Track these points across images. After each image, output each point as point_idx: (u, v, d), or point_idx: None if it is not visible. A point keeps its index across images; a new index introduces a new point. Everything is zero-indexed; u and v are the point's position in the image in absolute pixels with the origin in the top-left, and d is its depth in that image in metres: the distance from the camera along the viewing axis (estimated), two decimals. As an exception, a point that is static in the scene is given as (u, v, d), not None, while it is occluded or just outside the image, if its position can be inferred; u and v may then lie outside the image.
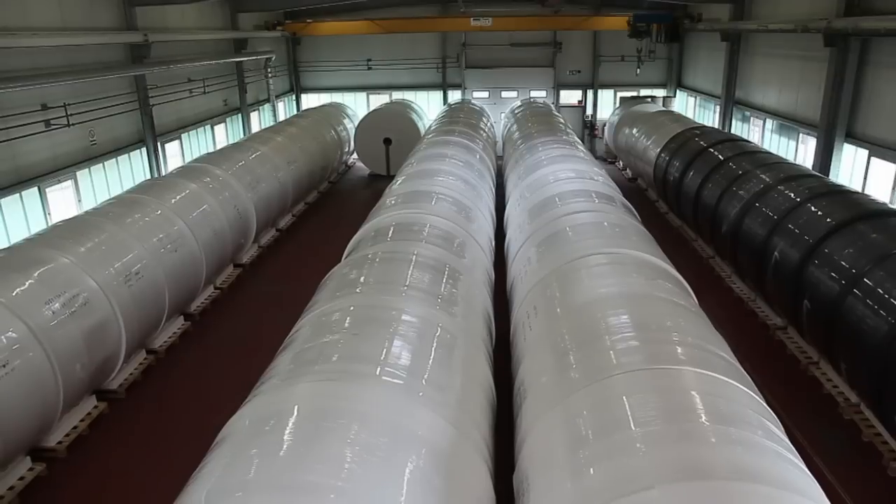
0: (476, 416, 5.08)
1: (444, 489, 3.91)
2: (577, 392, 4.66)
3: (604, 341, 5.09)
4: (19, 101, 10.18)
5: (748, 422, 4.12)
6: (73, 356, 7.30)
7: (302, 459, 3.58)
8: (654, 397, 4.25)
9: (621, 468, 3.73)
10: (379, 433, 3.96)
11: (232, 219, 11.87)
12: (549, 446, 4.43)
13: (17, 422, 6.48)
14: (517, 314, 7.05)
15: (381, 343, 5.03)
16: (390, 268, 6.60)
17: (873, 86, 11.41)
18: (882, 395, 6.54)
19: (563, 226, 7.98)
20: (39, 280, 7.35)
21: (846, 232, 7.95)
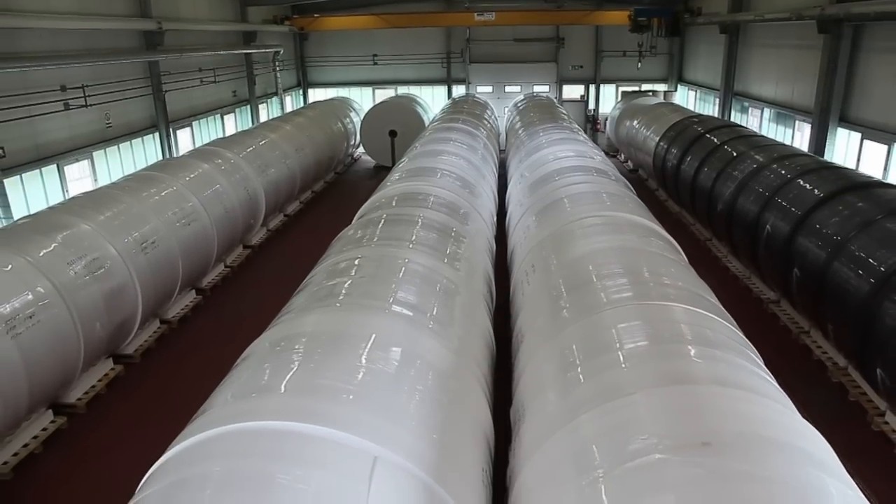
0: (477, 356, 5.41)
1: (448, 406, 4.24)
2: (568, 327, 4.99)
3: (595, 285, 5.43)
4: (40, 82, 10.62)
5: (729, 347, 4.45)
6: (94, 315, 7.68)
7: (318, 368, 3.93)
8: (641, 326, 4.58)
9: (607, 381, 4.06)
10: (388, 352, 4.31)
11: (242, 199, 12.27)
12: (543, 375, 4.75)
13: (42, 372, 6.85)
14: (516, 275, 7.39)
15: (390, 284, 5.38)
16: (397, 227, 6.96)
17: (865, 71, 11.74)
18: (864, 349, 6.85)
19: (560, 195, 8.33)
20: (62, 243, 7.74)
21: (833, 203, 8.28)
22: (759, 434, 3.36)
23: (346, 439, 3.36)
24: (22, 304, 6.73)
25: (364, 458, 3.31)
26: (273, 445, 3.25)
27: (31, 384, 6.68)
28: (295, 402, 3.57)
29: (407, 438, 3.60)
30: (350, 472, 3.19)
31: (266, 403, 3.60)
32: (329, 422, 3.42)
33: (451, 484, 3.56)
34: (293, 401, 3.59)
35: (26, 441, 7.03)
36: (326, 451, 3.27)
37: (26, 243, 7.37)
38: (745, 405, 3.61)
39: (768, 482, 3.01)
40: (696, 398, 3.63)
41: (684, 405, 3.57)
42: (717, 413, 3.48)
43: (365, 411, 3.63)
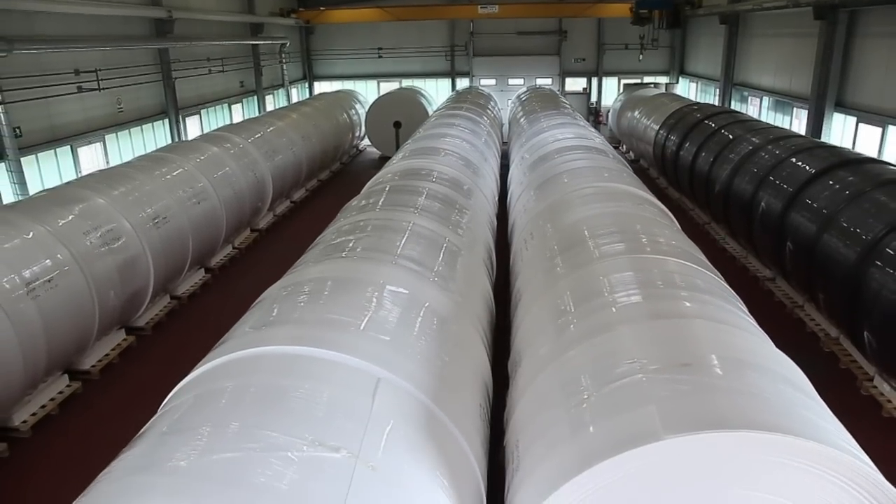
0: (478, 312, 5.67)
1: (448, 346, 4.50)
2: (561, 280, 5.25)
3: (588, 244, 5.68)
4: (55, 65, 10.95)
5: (715, 294, 4.70)
6: (108, 283, 7.97)
7: (327, 305, 4.21)
8: (632, 275, 4.82)
9: (596, 321, 4.32)
10: (394, 296, 4.58)
11: (250, 182, 12.57)
12: (537, 324, 5.01)
13: (59, 334, 7.14)
14: (515, 245, 7.65)
15: (396, 242, 5.66)
16: (403, 196, 7.24)
17: (860, 56, 11.95)
18: (852, 315, 7.08)
19: (559, 171, 8.58)
20: (79, 214, 8.05)
21: (824, 178, 8.51)
22: (739, 358, 3.61)
23: (351, 361, 3.63)
24: (41, 270, 7.03)
25: (368, 378, 3.58)
26: (284, 365, 3.53)
27: (49, 345, 6.97)
28: (305, 331, 3.84)
29: (409, 366, 3.86)
30: (355, 388, 3.45)
31: (278, 332, 3.88)
32: (336, 347, 3.69)
33: (449, 409, 3.82)
34: (303, 330, 3.86)
35: (44, 402, 7.34)
36: (333, 371, 3.54)
37: (45, 214, 7.67)
38: (727, 336, 3.86)
39: (746, 395, 3.26)
40: (679, 329, 3.88)
41: (668, 335, 3.82)
42: (698, 341, 3.73)
43: (370, 341, 3.90)
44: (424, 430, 3.51)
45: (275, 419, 3.04)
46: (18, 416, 7.00)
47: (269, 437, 2.91)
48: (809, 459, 2.97)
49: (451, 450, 3.61)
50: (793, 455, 2.96)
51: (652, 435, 2.98)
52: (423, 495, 3.16)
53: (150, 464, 2.80)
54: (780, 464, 2.97)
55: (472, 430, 4.02)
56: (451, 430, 3.71)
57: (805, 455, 2.97)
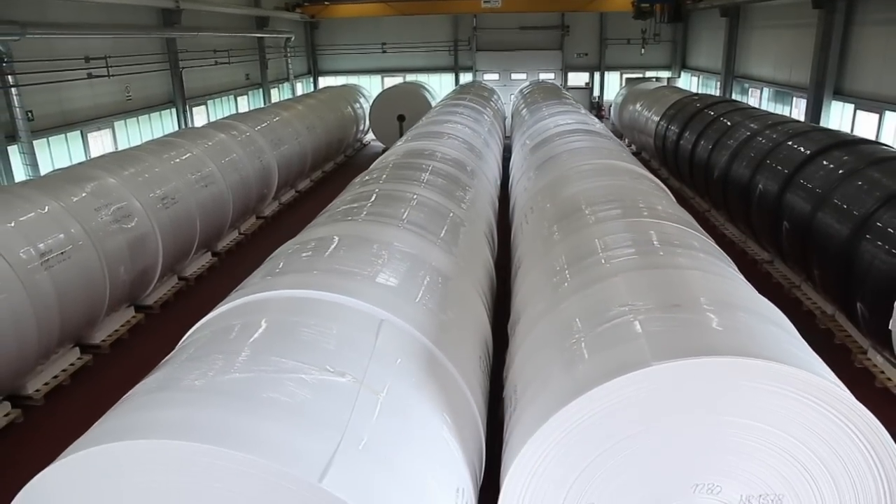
0: (479, 278, 5.85)
1: (451, 301, 4.67)
2: (558, 245, 5.42)
3: (584, 211, 5.85)
4: (66, 52, 11.18)
5: (708, 252, 4.86)
6: (119, 259, 8.18)
7: (334, 257, 4.42)
8: (625, 236, 4.99)
9: (589, 276, 4.48)
10: (399, 253, 4.77)
11: (256, 169, 12.79)
12: (535, 286, 5.18)
13: (72, 305, 7.34)
14: (516, 222, 7.82)
15: (403, 209, 5.86)
16: (408, 171, 7.44)
17: (858, 44, 12.10)
18: (846, 288, 7.24)
19: (559, 151, 8.75)
20: (91, 192, 8.26)
21: (819, 159, 8.67)
22: (728, 301, 3.77)
23: (356, 304, 3.82)
24: (56, 243, 7.24)
25: (371, 319, 3.76)
26: (293, 306, 3.72)
27: (62, 316, 7.17)
28: (313, 278, 4.03)
29: (411, 311, 4.05)
30: (359, 327, 3.64)
31: (287, 279, 4.07)
32: (342, 291, 3.88)
33: (450, 353, 4.00)
34: (311, 277, 4.06)
35: (56, 373, 7.55)
36: (339, 311, 3.73)
37: (59, 190, 7.89)
38: (718, 283, 4.03)
39: (734, 330, 3.42)
40: (671, 277, 4.05)
41: (660, 282, 3.99)
42: (690, 286, 3.91)
43: (374, 288, 4.09)
44: (426, 368, 3.69)
45: (285, 349, 3.23)
46: (32, 384, 7.21)
47: (279, 362, 3.10)
48: (795, 386, 3.13)
49: (451, 390, 3.79)
50: (778, 381, 3.12)
51: (641, 362, 3.15)
52: (426, 427, 3.34)
53: (166, 385, 2.99)
54: (767, 390, 3.14)
55: (473, 378, 4.20)
56: (451, 372, 3.89)
57: (790, 381, 3.12)
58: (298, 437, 2.65)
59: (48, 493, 2.61)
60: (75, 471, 2.59)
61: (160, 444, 2.51)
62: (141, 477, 2.54)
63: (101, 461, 2.56)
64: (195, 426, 2.58)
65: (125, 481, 2.56)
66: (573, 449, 3.28)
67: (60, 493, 2.60)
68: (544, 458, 3.31)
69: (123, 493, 2.56)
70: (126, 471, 2.55)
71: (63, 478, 2.60)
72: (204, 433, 2.53)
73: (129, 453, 2.54)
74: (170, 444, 2.50)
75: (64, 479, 2.59)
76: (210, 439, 2.50)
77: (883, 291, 6.49)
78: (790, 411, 3.17)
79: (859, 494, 3.31)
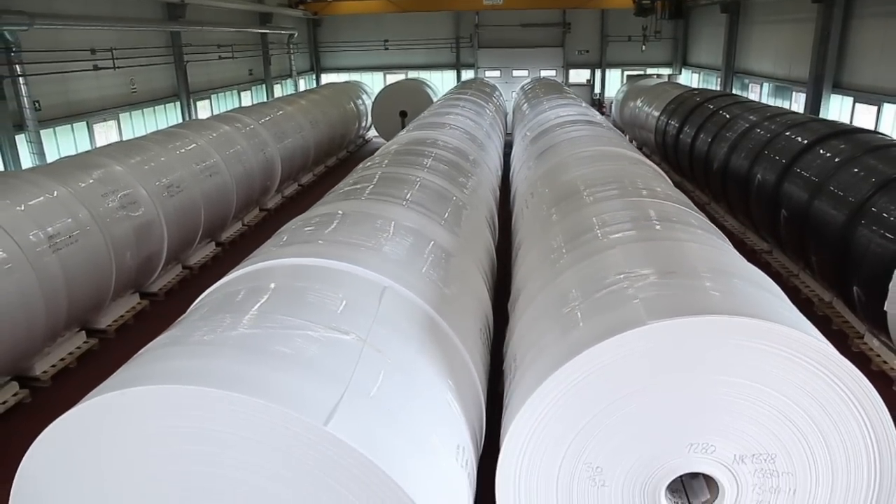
0: (481, 258, 5.95)
1: (453, 275, 4.78)
2: (556, 225, 5.51)
3: (582, 193, 5.95)
4: (72, 44, 11.32)
5: (704, 229, 4.96)
6: (125, 245, 8.29)
7: (339, 230, 4.53)
8: (622, 214, 5.09)
9: (586, 250, 4.58)
10: (404, 229, 4.89)
11: (260, 161, 12.92)
12: (534, 264, 5.28)
13: (79, 288, 7.45)
14: (517, 209, 7.92)
15: (407, 190, 5.97)
16: (412, 157, 7.55)
17: (857, 37, 12.20)
18: (842, 273, 7.33)
19: (559, 140, 8.86)
20: (99, 179, 8.38)
21: (815, 148, 8.77)
22: (723, 270, 3.87)
23: (360, 272, 3.92)
24: (64, 227, 7.36)
25: (375, 286, 3.87)
26: (298, 272, 3.83)
27: (69, 299, 7.28)
28: (318, 247, 4.14)
29: (414, 281, 4.15)
30: (363, 292, 3.74)
31: (293, 249, 4.18)
32: (347, 259, 3.99)
33: (451, 321, 4.10)
34: (317, 247, 4.17)
35: (62, 356, 7.67)
36: (343, 278, 3.84)
37: (68, 177, 8.01)
38: (713, 253, 4.13)
39: (728, 293, 3.52)
40: (667, 248, 4.15)
41: (656, 253, 4.09)
42: (684, 256, 4.01)
43: (378, 258, 4.20)
44: (428, 333, 3.79)
45: (291, 309, 3.33)
46: (39, 366, 7.33)
47: (285, 320, 3.20)
48: (786, 345, 3.21)
49: (453, 357, 3.89)
50: (771, 341, 3.20)
51: (636, 322, 3.25)
52: (429, 387, 3.44)
53: (179, 340, 3.10)
54: (759, 350, 3.22)
55: (474, 348, 4.30)
56: (453, 339, 3.99)
57: (782, 341, 3.20)
58: (305, 386, 2.75)
59: (67, 437, 2.72)
60: (94, 416, 2.69)
61: (175, 389, 2.62)
62: (155, 422, 2.65)
63: (118, 406, 2.67)
64: (208, 373, 2.69)
65: (140, 426, 2.67)
66: (570, 409, 3.38)
67: (79, 437, 2.71)
68: (542, 417, 3.40)
69: (139, 438, 2.67)
70: (141, 416, 2.66)
71: (82, 422, 2.70)
72: (216, 380, 2.64)
73: (145, 399, 2.64)
74: (184, 390, 2.61)
75: (82, 424, 2.70)
76: (222, 385, 2.61)
77: (878, 275, 6.58)
78: (782, 370, 3.26)
79: (849, 454, 3.40)
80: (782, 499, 3.49)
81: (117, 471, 2.71)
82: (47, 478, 2.77)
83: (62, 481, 2.76)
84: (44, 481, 2.77)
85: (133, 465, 2.69)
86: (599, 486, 3.56)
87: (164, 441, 2.65)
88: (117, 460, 2.70)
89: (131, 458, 2.69)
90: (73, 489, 2.75)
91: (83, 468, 2.73)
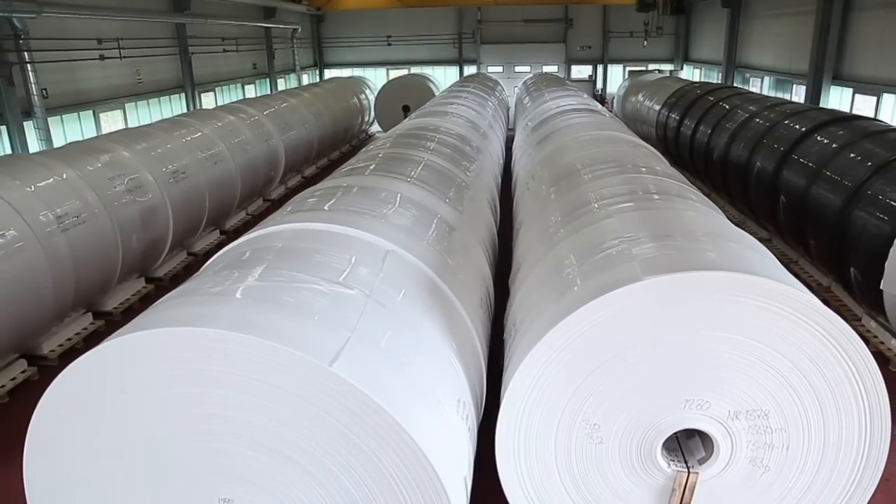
0: (483, 235, 6.04)
1: (455, 247, 4.88)
2: (555, 202, 5.60)
3: (581, 172, 6.05)
4: (80, 32, 11.45)
5: (702, 202, 5.05)
6: (131, 228, 8.41)
7: (348, 200, 4.63)
8: (619, 189, 5.18)
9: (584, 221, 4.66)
10: (409, 202, 4.99)
11: (264, 152, 13.05)
12: (533, 239, 5.36)
13: (87, 269, 7.57)
14: (517, 193, 8.02)
15: (411, 169, 6.08)
16: (415, 140, 7.66)
17: (856, 29, 12.28)
18: (840, 255, 7.42)
19: (560, 126, 8.95)
20: (106, 163, 8.51)
21: (813, 135, 8.86)
22: (716, 233, 3.96)
23: (364, 236, 4.03)
24: (73, 209, 7.48)
25: (378, 249, 3.97)
26: (304, 235, 3.93)
27: (77, 279, 7.40)
28: (323, 214, 4.25)
29: (416, 246, 4.26)
30: (367, 254, 3.85)
31: (298, 216, 4.29)
32: (351, 224, 4.09)
33: (453, 286, 4.20)
34: (322, 213, 4.27)
35: (70, 336, 7.79)
36: (347, 241, 3.94)
37: (76, 160, 8.14)
38: (709, 219, 4.23)
39: (721, 253, 3.61)
40: (662, 215, 4.25)
41: (653, 219, 4.19)
42: (679, 221, 4.10)
43: (384, 225, 4.31)
44: (430, 295, 3.89)
45: (297, 266, 3.44)
46: (47, 345, 7.44)
47: (292, 275, 3.31)
48: (780, 301, 3.28)
49: (454, 319, 3.99)
50: (765, 297, 3.28)
51: (632, 278, 3.34)
52: (431, 343, 3.53)
53: (189, 292, 3.21)
54: (754, 305, 3.30)
55: (475, 314, 4.39)
56: (454, 303, 4.09)
57: (776, 297, 3.28)
58: (311, 332, 2.86)
59: (81, 380, 2.83)
60: (108, 358, 2.80)
61: (186, 331, 2.72)
62: (167, 364, 2.75)
63: (132, 349, 2.77)
64: (219, 318, 2.79)
65: (147, 370, 2.77)
66: (568, 365, 3.46)
67: (93, 379, 2.81)
68: (540, 374, 3.49)
69: (146, 381, 2.78)
70: (149, 359, 2.76)
71: (95, 365, 2.81)
72: (227, 323, 2.74)
73: (152, 342, 2.75)
74: (195, 332, 2.71)
75: (96, 366, 2.81)
76: (233, 328, 2.71)
77: (875, 255, 6.66)
78: (775, 326, 3.34)
79: (840, 410, 3.49)
80: (776, 455, 3.58)
81: (126, 414, 2.82)
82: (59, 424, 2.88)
83: (74, 426, 2.87)
84: (56, 428, 2.89)
85: (140, 408, 2.80)
86: (597, 444, 3.65)
87: (171, 384, 2.75)
88: (126, 403, 2.81)
89: (139, 402, 2.80)
90: (86, 434, 2.86)
91: (94, 413, 2.84)
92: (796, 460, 3.57)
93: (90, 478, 2.92)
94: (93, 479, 2.91)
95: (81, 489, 2.94)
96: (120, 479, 2.90)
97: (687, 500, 3.69)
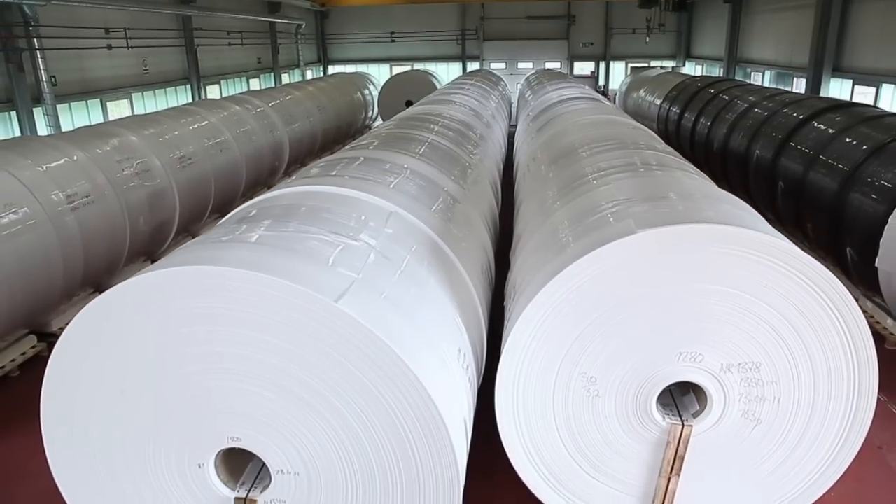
0: (484, 211, 6.17)
1: (458, 217, 5.01)
2: (553, 179, 5.72)
3: (580, 150, 6.17)
4: (87, 22, 11.62)
5: (701, 175, 5.17)
6: (138, 210, 8.56)
7: (357, 170, 4.77)
8: (617, 162, 5.28)
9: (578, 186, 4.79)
10: (415, 174, 5.13)
11: (269, 142, 13.22)
12: (532, 213, 5.47)
13: (96, 250, 7.71)
14: (518, 178, 8.13)
15: (416, 147, 6.22)
16: (419, 122, 7.80)
17: (856, 21, 12.39)
18: (836, 237, 7.53)
19: (560, 112, 9.08)
20: (115, 148, 8.67)
21: (810, 122, 8.98)
22: (711, 195, 4.08)
23: (370, 199, 4.16)
24: (82, 189, 7.63)
25: (383, 211, 4.10)
26: (310, 196, 4.07)
27: (86, 258, 7.54)
28: (329, 178, 4.38)
29: (419, 210, 4.38)
30: (371, 214, 3.98)
31: (303, 181, 4.43)
32: (357, 188, 4.23)
33: (455, 249, 4.32)
34: (328, 178, 4.41)
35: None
36: (356, 202, 4.07)
37: (86, 143, 8.30)
38: (702, 184, 4.35)
39: (714, 212, 3.73)
40: (658, 181, 4.37)
41: (648, 183, 4.31)
42: (675, 185, 4.22)
43: (389, 190, 4.44)
44: (432, 254, 4.01)
45: (304, 220, 3.57)
46: (56, 322, 7.59)
47: (299, 227, 3.44)
48: (771, 255, 3.37)
49: (456, 280, 4.11)
50: (756, 250, 3.37)
51: (626, 232, 3.46)
52: (433, 295, 3.65)
53: (201, 242, 3.34)
54: (745, 258, 3.39)
55: (476, 278, 4.51)
56: (456, 265, 4.21)
57: (767, 250, 3.36)
58: (318, 274, 2.98)
59: (103, 315, 2.97)
60: (127, 296, 2.94)
61: (201, 270, 2.85)
62: (184, 302, 2.88)
63: (151, 287, 2.91)
64: (231, 259, 2.92)
65: (160, 308, 2.90)
66: (565, 319, 3.57)
67: (115, 315, 2.95)
68: (538, 327, 3.60)
69: (169, 317, 2.91)
70: (160, 298, 2.90)
71: (116, 301, 2.95)
72: (240, 263, 2.88)
73: (175, 280, 2.88)
74: (209, 270, 2.84)
75: (117, 302, 2.95)
76: (245, 267, 2.84)
77: (871, 235, 6.76)
78: (766, 279, 3.44)
79: (830, 363, 3.59)
80: (767, 408, 3.68)
81: (141, 353, 2.96)
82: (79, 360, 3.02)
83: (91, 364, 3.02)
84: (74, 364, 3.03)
85: (154, 347, 2.94)
86: (594, 397, 3.77)
87: (192, 321, 2.88)
88: (140, 342, 2.95)
89: (153, 341, 2.94)
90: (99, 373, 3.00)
91: (110, 351, 2.98)
92: (787, 413, 3.68)
93: (103, 416, 3.06)
94: (104, 417, 3.05)
95: (94, 427, 3.08)
96: (131, 417, 3.03)
97: (681, 453, 3.80)
